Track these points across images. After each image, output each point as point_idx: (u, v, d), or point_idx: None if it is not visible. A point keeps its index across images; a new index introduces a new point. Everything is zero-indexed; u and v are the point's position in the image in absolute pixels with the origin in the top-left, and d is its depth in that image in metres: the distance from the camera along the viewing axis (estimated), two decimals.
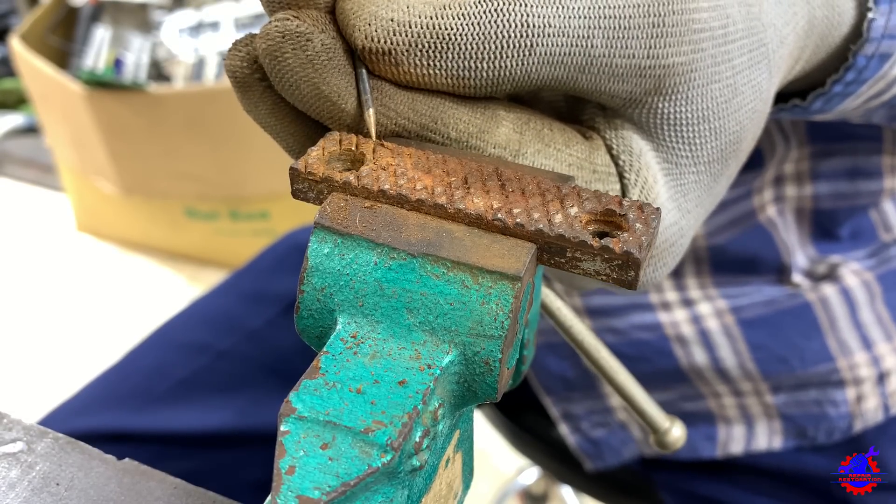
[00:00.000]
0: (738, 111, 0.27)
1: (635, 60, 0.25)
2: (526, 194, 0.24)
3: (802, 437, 0.56)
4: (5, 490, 0.31)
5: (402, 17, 0.23)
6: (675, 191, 0.28)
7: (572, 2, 0.24)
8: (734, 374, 0.55)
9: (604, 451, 0.61)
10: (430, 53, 0.24)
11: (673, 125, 0.27)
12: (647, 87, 0.26)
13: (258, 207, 1.70)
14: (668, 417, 0.33)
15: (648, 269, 0.29)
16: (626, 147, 0.27)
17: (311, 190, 0.25)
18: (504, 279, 0.22)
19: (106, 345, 1.58)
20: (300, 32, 0.23)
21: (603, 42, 0.24)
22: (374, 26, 0.23)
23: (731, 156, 0.29)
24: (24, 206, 2.06)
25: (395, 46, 0.24)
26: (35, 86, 1.74)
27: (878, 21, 0.31)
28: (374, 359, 0.22)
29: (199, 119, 1.58)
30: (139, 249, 1.87)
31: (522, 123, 0.26)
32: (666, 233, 0.29)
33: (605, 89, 0.26)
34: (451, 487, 0.26)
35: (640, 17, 0.25)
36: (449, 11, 0.23)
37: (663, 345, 0.56)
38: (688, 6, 0.25)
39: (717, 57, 0.26)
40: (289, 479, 0.20)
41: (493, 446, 1.31)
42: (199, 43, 1.75)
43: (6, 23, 2.37)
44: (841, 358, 0.54)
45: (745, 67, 0.27)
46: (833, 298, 0.54)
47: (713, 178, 0.29)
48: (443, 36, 0.23)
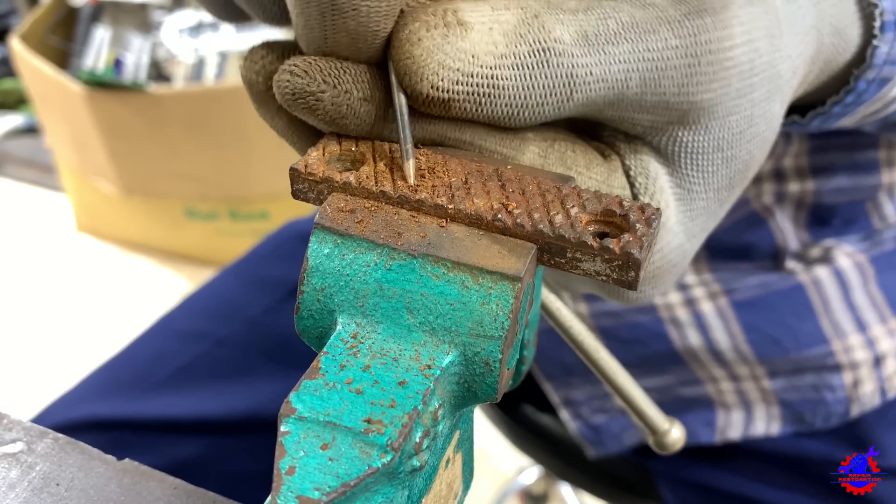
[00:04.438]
0: (750, 141, 0.28)
1: (665, 98, 0.25)
2: (526, 194, 0.24)
3: (800, 422, 0.56)
4: (5, 490, 0.31)
5: (467, 68, 0.24)
6: (685, 215, 0.29)
7: (614, 47, 0.24)
8: (729, 356, 0.55)
9: (604, 437, 0.62)
10: (482, 101, 0.24)
11: (690, 153, 0.27)
12: (671, 118, 0.26)
13: (258, 207, 1.70)
14: (667, 419, 0.33)
15: (647, 287, 0.30)
16: (644, 170, 0.28)
17: (312, 190, 0.25)
18: (504, 279, 0.22)
19: (106, 345, 1.58)
20: (309, 92, 0.24)
21: (638, 83, 0.25)
22: (441, 76, 0.23)
23: (738, 182, 0.29)
24: (24, 206, 2.06)
25: (454, 95, 0.24)
26: (35, 86, 1.74)
27: (881, 48, 0.32)
28: (375, 359, 0.22)
29: (199, 119, 1.58)
30: (139, 249, 1.87)
31: (547, 146, 0.27)
32: (671, 255, 0.29)
33: (630, 119, 0.26)
34: (451, 488, 0.26)
35: (678, 58, 0.25)
36: (506, 61, 0.24)
37: (658, 327, 0.56)
38: (724, 45, 0.25)
39: (741, 91, 0.26)
40: (289, 479, 0.20)
41: (493, 446, 1.31)
42: (199, 43, 1.75)
43: (6, 23, 2.37)
44: (835, 340, 0.54)
45: (762, 99, 0.27)
46: (826, 280, 0.54)
47: (719, 204, 0.30)
48: (497, 86, 0.24)
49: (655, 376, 0.58)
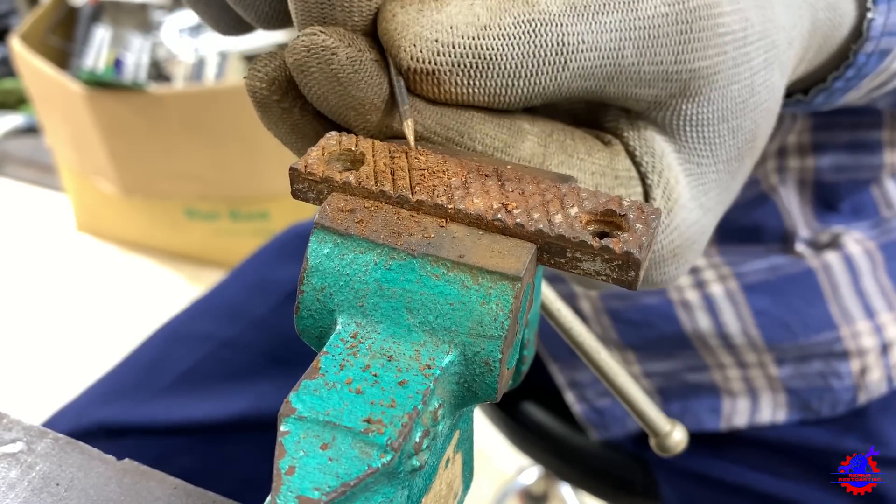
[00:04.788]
0: (754, 110, 0.28)
1: (663, 66, 0.26)
2: (526, 194, 0.24)
3: (807, 410, 0.56)
4: (5, 490, 0.31)
5: (446, 38, 0.24)
6: (697, 190, 0.29)
7: (604, 16, 0.24)
8: (738, 341, 0.55)
9: (608, 421, 0.62)
10: (470, 73, 0.24)
11: (695, 126, 0.28)
12: (672, 90, 0.26)
13: (258, 207, 1.70)
14: (668, 421, 0.33)
15: (670, 266, 0.30)
16: (649, 149, 0.28)
17: (311, 190, 0.25)
18: (504, 279, 0.22)
19: (106, 345, 1.58)
20: (325, 46, 0.24)
21: (633, 52, 0.25)
22: (419, 47, 0.24)
23: (747, 153, 0.29)
24: (24, 206, 2.06)
25: (438, 66, 0.24)
26: (35, 86, 1.74)
27: (877, 20, 0.32)
28: (374, 359, 0.22)
29: (199, 119, 1.58)
30: (139, 249, 1.87)
31: (546, 136, 0.27)
32: (688, 231, 0.29)
33: (632, 94, 0.26)
34: (451, 488, 0.26)
35: (669, 24, 0.25)
36: (490, 32, 0.24)
37: (667, 309, 0.56)
38: (713, 11, 0.25)
39: (738, 59, 0.27)
40: (289, 479, 0.20)
41: (493, 446, 1.31)
42: (199, 43, 1.75)
43: (6, 23, 2.38)
44: (844, 326, 0.54)
45: (761, 68, 0.27)
46: (835, 265, 0.54)
47: (731, 176, 0.30)
48: (484, 56, 0.24)
49: (662, 360, 0.58)
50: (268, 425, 0.60)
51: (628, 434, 0.62)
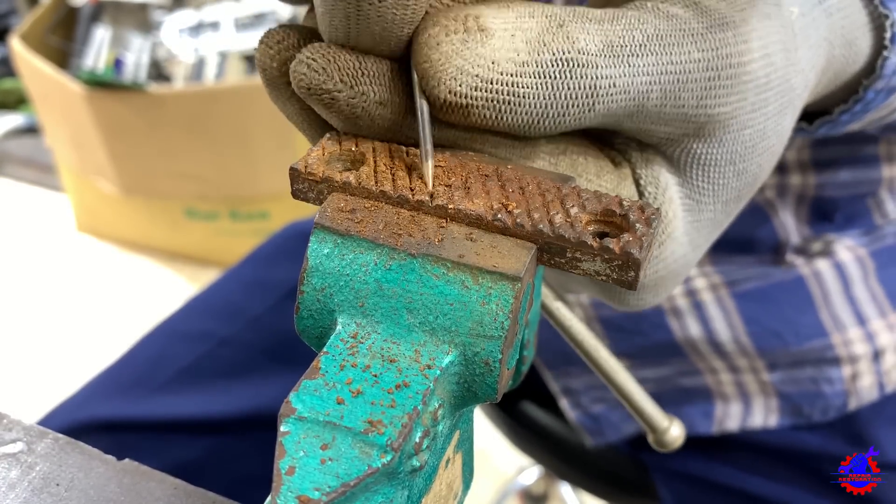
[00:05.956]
0: (761, 154, 0.28)
1: (684, 110, 0.26)
2: (526, 194, 0.24)
3: (798, 415, 0.56)
4: (5, 490, 0.31)
5: (486, 73, 0.23)
6: (692, 226, 0.29)
7: (638, 58, 0.24)
8: (729, 347, 0.55)
9: (603, 426, 0.62)
10: (501, 108, 0.24)
11: (702, 165, 0.28)
12: (687, 130, 0.26)
13: (258, 207, 1.70)
14: (666, 417, 0.33)
15: (648, 295, 0.30)
16: (654, 179, 0.28)
17: (311, 190, 0.25)
18: (504, 279, 0.22)
19: (106, 345, 1.58)
20: (325, 90, 0.23)
21: (658, 95, 0.25)
22: (460, 81, 0.23)
23: (746, 195, 0.30)
24: (24, 206, 2.06)
25: (473, 101, 0.24)
26: (35, 86, 1.74)
27: (891, 59, 0.32)
28: (374, 359, 0.22)
29: (199, 119, 1.58)
30: (139, 249, 1.87)
31: (559, 154, 0.27)
32: (674, 265, 0.29)
33: (647, 130, 0.26)
34: (451, 488, 0.26)
35: (699, 71, 0.25)
36: (527, 69, 0.24)
37: (659, 317, 0.56)
38: (744, 59, 0.25)
39: (756, 104, 0.27)
40: (289, 479, 0.20)
41: (493, 446, 1.31)
42: (199, 43, 1.75)
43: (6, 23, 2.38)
44: (835, 333, 0.54)
45: (775, 113, 0.27)
46: (826, 273, 0.54)
47: (726, 216, 0.30)
48: (518, 94, 0.24)
49: (655, 367, 0.58)
50: (265, 424, 0.60)
51: (623, 439, 0.62)
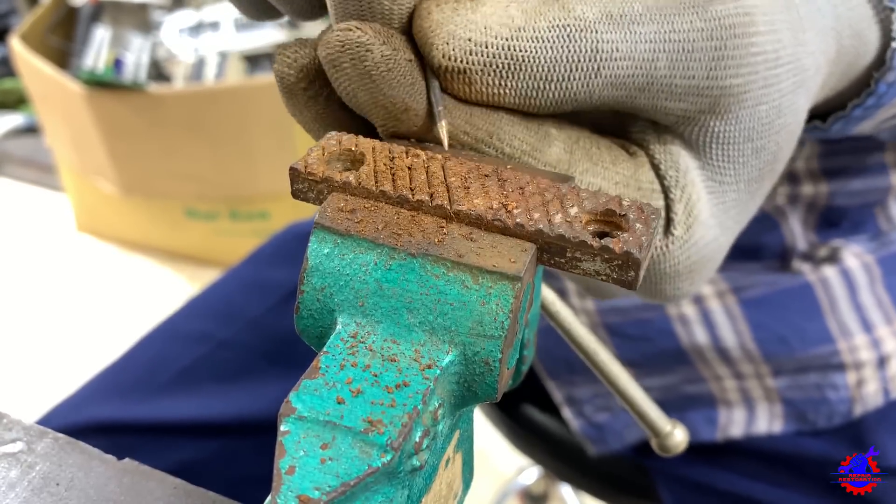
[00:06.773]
0: (779, 132, 0.28)
1: (695, 81, 0.26)
2: (525, 194, 0.24)
3: (803, 421, 0.56)
4: (5, 490, 0.31)
5: (479, 37, 0.24)
6: (718, 208, 0.29)
7: (640, 27, 0.24)
8: (735, 354, 0.55)
9: (607, 435, 0.62)
10: (502, 74, 0.24)
11: (721, 143, 0.28)
12: (702, 106, 0.26)
13: (258, 207, 1.70)
14: (669, 421, 0.33)
15: (685, 282, 0.30)
16: (674, 163, 0.28)
17: (311, 190, 0.25)
18: (504, 279, 0.22)
19: (106, 345, 1.58)
20: (360, 43, 0.24)
21: (666, 65, 0.25)
22: (452, 45, 0.24)
23: (768, 175, 0.30)
24: (24, 206, 2.06)
25: (470, 66, 0.24)
26: (35, 86, 1.74)
27: None
28: (374, 359, 0.22)
29: (199, 119, 1.58)
30: (139, 249, 1.87)
31: (573, 142, 0.27)
32: (706, 249, 0.29)
33: (662, 107, 0.26)
34: (451, 487, 0.26)
35: (704, 40, 0.25)
36: (524, 34, 0.24)
37: (665, 324, 0.56)
38: (748, 30, 0.26)
39: (768, 80, 0.27)
40: (289, 479, 0.20)
41: (493, 446, 1.31)
42: (199, 43, 1.75)
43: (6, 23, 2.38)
44: (841, 340, 0.54)
45: (789, 91, 0.27)
46: (833, 279, 0.54)
47: (750, 196, 0.30)
48: (517, 58, 0.24)
49: (660, 376, 0.58)
50: (265, 425, 0.60)
51: (626, 447, 0.62)
